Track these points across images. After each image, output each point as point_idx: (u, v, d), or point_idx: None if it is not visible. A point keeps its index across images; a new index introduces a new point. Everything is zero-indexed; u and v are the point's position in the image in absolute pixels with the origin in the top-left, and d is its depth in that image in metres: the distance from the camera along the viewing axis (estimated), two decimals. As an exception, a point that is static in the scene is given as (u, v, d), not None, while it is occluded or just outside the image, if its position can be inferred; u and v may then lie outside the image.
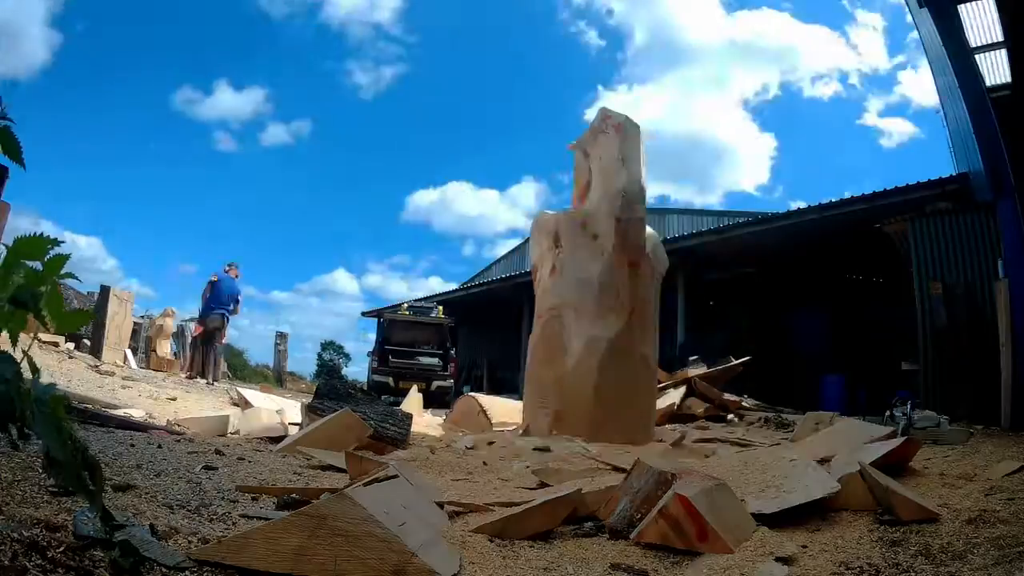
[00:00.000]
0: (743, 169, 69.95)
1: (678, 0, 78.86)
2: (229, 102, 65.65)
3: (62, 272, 0.92)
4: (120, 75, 61.95)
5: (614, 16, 74.55)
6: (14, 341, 0.86)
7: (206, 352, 9.38)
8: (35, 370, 0.87)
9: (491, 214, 72.03)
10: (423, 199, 69.44)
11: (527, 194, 70.51)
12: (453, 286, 22.06)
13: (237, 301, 9.59)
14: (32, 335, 0.92)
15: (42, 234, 0.91)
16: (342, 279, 65.13)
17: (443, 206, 70.69)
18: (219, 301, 9.31)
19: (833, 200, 8.94)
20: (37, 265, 0.91)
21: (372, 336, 17.08)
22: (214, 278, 9.39)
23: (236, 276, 9.69)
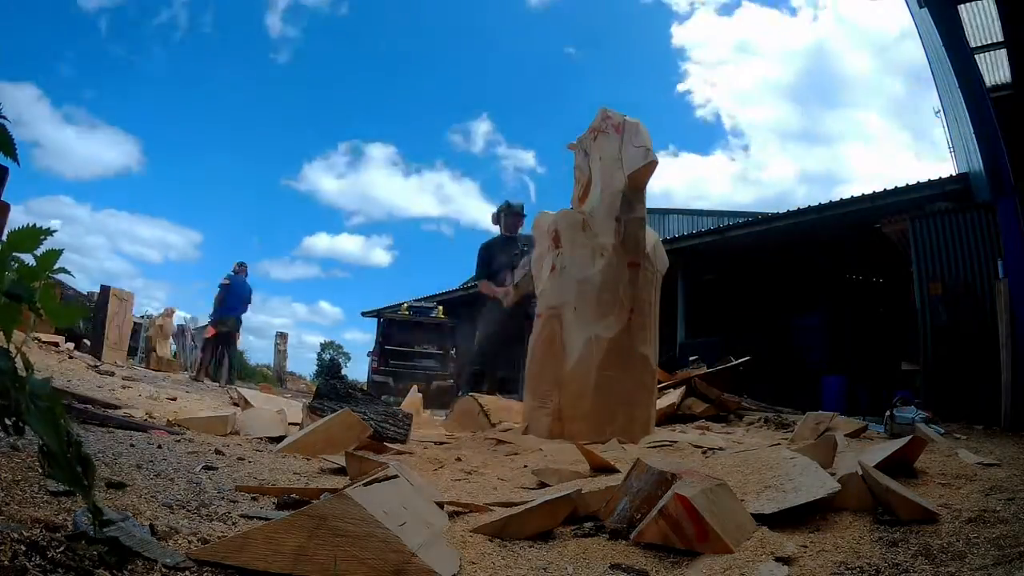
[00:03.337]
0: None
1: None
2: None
3: (55, 267, 0.91)
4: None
5: None
6: (8, 336, 0.86)
7: (222, 354, 9.44)
8: (28, 365, 0.86)
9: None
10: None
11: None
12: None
13: (249, 301, 9.65)
14: (27, 333, 0.91)
15: (35, 225, 0.89)
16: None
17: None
18: (234, 303, 9.41)
19: (833, 200, 8.97)
20: (30, 258, 0.89)
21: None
22: (226, 281, 9.42)
23: (245, 276, 9.75)
